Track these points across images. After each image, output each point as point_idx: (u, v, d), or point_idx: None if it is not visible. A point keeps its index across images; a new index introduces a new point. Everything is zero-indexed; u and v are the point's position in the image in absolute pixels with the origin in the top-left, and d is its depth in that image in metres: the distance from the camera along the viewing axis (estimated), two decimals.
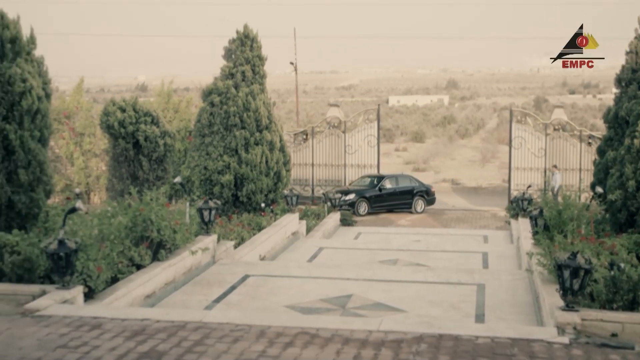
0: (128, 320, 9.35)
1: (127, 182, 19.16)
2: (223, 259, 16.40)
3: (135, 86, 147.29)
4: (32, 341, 8.42)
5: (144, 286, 12.64)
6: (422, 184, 33.72)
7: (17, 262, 11.41)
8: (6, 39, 14.07)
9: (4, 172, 13.72)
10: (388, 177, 33.69)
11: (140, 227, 13.59)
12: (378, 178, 33.45)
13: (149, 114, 19.98)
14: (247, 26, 24.05)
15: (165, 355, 7.73)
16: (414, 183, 33.74)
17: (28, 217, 14.09)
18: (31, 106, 13.92)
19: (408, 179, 34.41)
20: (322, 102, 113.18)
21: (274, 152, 23.00)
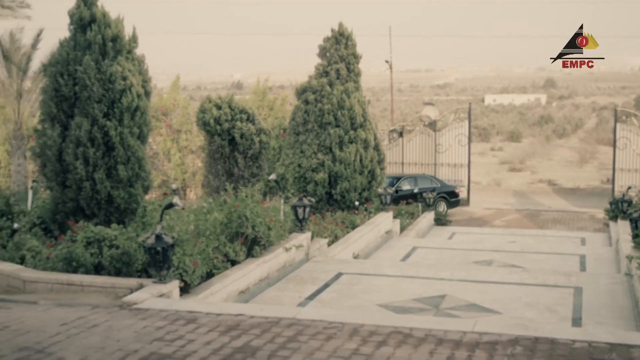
0: (223, 315, 9.44)
1: (222, 179, 19.37)
2: (316, 256, 16.44)
3: (231, 84, 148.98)
4: (129, 333, 8.58)
5: (239, 282, 12.76)
6: (444, 185, 32.60)
7: (115, 256, 11.65)
8: (108, 38, 14.38)
9: (104, 167, 14.03)
10: (406, 178, 32.49)
11: (235, 223, 13.72)
12: (395, 179, 32.35)
13: (244, 111, 20.18)
14: (342, 24, 24.05)
15: (259, 350, 7.78)
16: (435, 184, 32.48)
17: (127, 211, 14.38)
18: (131, 103, 14.20)
19: (429, 179, 33.15)
20: (417, 101, 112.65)
21: (369, 150, 22.94)
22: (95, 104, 14.03)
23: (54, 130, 14.33)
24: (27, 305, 10.56)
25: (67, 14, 14.82)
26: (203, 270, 12.05)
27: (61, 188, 14.36)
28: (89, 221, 13.78)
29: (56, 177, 14.38)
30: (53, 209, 14.55)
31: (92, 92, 14.00)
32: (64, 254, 11.92)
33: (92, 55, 14.21)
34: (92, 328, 8.89)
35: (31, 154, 15.27)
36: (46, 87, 14.71)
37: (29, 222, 15.27)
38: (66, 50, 14.54)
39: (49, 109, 14.47)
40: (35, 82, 32.68)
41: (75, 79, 14.29)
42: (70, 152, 14.06)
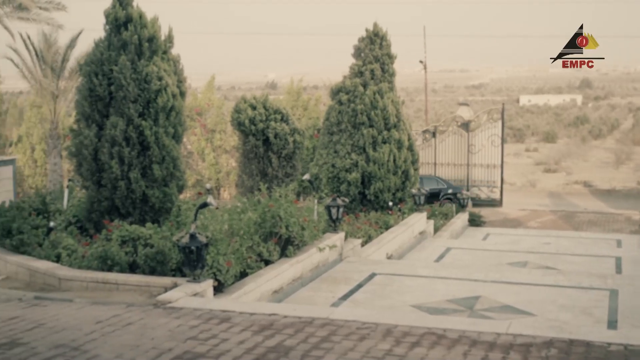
0: (256, 314, 9.46)
1: (256, 179, 19.41)
2: (350, 256, 16.43)
3: (265, 84, 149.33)
4: (163, 332, 8.62)
5: (272, 281, 12.78)
6: (450, 186, 32.15)
7: (150, 255, 11.73)
8: (144, 38, 14.46)
9: (139, 167, 14.11)
10: None
11: (269, 223, 13.75)
12: None
13: (278, 111, 20.21)
14: (376, 24, 24.02)
15: (292, 350, 7.79)
16: (441, 185, 32.10)
17: (161, 211, 14.45)
18: (166, 103, 14.26)
19: (435, 180, 32.96)
20: (451, 101, 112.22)
21: (402, 150, 22.89)
22: (131, 103, 14.11)
23: (89, 130, 14.42)
24: (63, 303, 10.66)
25: (103, 14, 14.92)
26: (237, 270, 12.09)
27: (96, 187, 14.46)
28: (124, 220, 13.86)
29: (92, 176, 14.48)
30: (88, 208, 14.65)
31: (128, 92, 14.08)
32: (99, 252, 12.02)
33: (128, 55, 14.29)
34: (127, 326, 8.95)
35: (67, 153, 15.38)
36: (81, 86, 14.81)
37: (65, 220, 15.38)
38: (101, 50, 14.63)
39: (83, 108, 14.56)
40: (71, 81, 32.99)
41: (110, 79, 14.37)
42: (105, 151, 14.15)
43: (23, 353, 7.72)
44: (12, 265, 13.07)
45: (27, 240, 13.60)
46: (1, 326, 9.08)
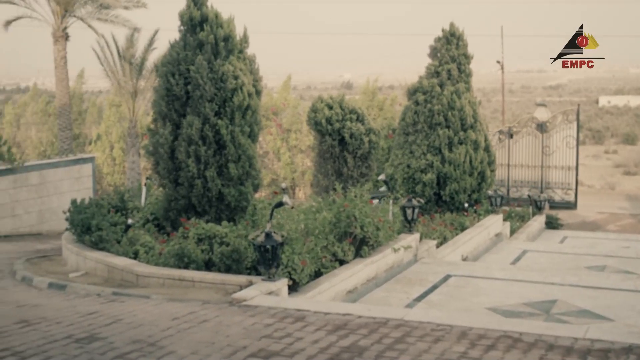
0: (330, 314, 9.46)
1: (332, 178, 19.42)
2: (425, 257, 16.34)
3: (341, 84, 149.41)
4: (238, 330, 8.67)
5: (346, 281, 12.78)
6: None
7: (226, 253, 11.81)
8: (220, 38, 14.58)
9: (215, 165, 14.23)
10: None
11: (344, 223, 13.74)
12: None
13: (354, 111, 20.19)
14: (453, 24, 23.84)
15: (367, 350, 7.77)
16: None
17: (237, 209, 14.55)
18: (242, 102, 14.36)
19: None
20: (528, 102, 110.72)
21: (478, 151, 22.67)
22: (207, 102, 14.23)
23: (166, 129, 14.59)
24: (140, 299, 10.81)
25: (178, 16, 15.08)
26: (311, 269, 12.10)
27: (173, 185, 14.62)
28: (200, 218, 14.00)
29: (169, 174, 14.65)
30: (165, 206, 14.83)
31: (205, 91, 14.21)
32: (176, 250, 12.16)
33: (204, 55, 14.42)
34: (203, 323, 9.03)
35: (145, 151, 15.59)
36: (158, 86, 14.99)
37: (143, 218, 15.61)
38: (176, 50, 14.78)
39: (160, 107, 14.74)
40: (149, 81, 33.49)
41: (186, 78, 14.52)
42: (182, 150, 14.29)
43: (101, 347, 7.84)
44: (91, 261, 13.32)
45: (106, 237, 13.83)
46: (80, 321, 9.25)
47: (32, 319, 9.43)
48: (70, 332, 8.56)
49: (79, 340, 8.16)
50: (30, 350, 7.73)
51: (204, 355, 7.58)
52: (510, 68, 56.66)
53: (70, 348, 7.83)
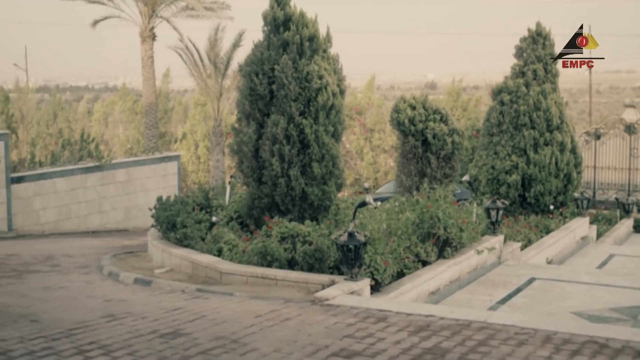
0: (413, 315, 9.42)
1: (415, 179, 19.30)
2: (509, 260, 16.15)
3: (425, 84, 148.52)
4: (320, 329, 8.69)
5: (429, 282, 12.70)
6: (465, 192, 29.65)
7: (308, 252, 11.85)
8: (305, 37, 14.63)
9: (299, 165, 14.28)
10: None
11: (427, 223, 13.67)
12: None
13: (438, 111, 20.02)
14: (539, 24, 23.49)
15: (449, 353, 7.70)
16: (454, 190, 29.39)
17: (320, 209, 14.58)
18: (326, 102, 14.38)
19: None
20: (616, 103, 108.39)
21: (565, 153, 22.30)
22: (292, 102, 14.29)
23: (250, 128, 14.70)
24: (223, 296, 10.92)
25: (261, 16, 15.18)
26: (394, 270, 12.07)
27: (257, 184, 14.72)
28: (283, 217, 14.07)
29: (252, 173, 14.75)
30: (249, 204, 14.94)
31: (289, 90, 14.27)
32: (259, 248, 12.24)
33: (289, 55, 14.48)
34: (285, 321, 9.07)
35: (229, 150, 15.73)
36: (242, 86, 15.10)
37: (227, 216, 15.76)
38: (260, 50, 14.88)
39: (244, 107, 14.85)
40: (234, 80, 33.82)
41: (270, 78, 14.60)
42: (266, 149, 14.38)
43: (185, 343, 7.94)
44: (175, 257, 13.51)
45: (191, 234, 14.02)
46: (165, 316, 9.39)
47: (119, 313, 9.62)
48: (155, 327, 8.70)
49: (164, 336, 8.28)
50: (116, 344, 7.87)
51: (286, 353, 7.62)
52: (598, 68, 55.35)
53: (155, 343, 7.96)
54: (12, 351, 7.48)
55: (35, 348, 7.63)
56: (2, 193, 22.27)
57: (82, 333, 8.39)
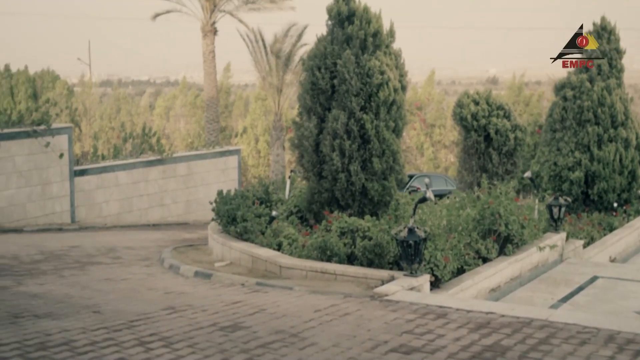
0: (473, 312, 9.34)
1: (476, 175, 19.16)
2: (571, 257, 15.95)
3: (486, 79, 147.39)
4: (379, 324, 8.67)
5: (490, 279, 12.60)
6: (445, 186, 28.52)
7: (368, 247, 11.83)
8: (369, 33, 14.59)
9: (359, 160, 14.26)
10: (418, 177, 28.44)
11: (488, 220, 13.56)
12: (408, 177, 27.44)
13: (501, 107, 19.83)
14: (604, 18, 23.11)
15: (509, 350, 7.62)
16: (449, 186, 28.53)
17: (380, 204, 14.54)
18: (387, 97, 14.33)
19: (443, 179, 29.62)
20: None
21: (629, 149, 21.92)
22: (353, 97, 14.27)
23: (310, 122, 14.71)
24: (283, 290, 10.95)
25: (325, 10, 15.18)
26: (454, 266, 12.00)
27: (317, 178, 14.73)
28: (343, 212, 14.07)
29: (313, 167, 14.77)
30: (309, 199, 14.96)
31: (351, 85, 14.26)
32: (319, 242, 12.25)
33: (352, 50, 14.46)
34: (344, 316, 9.06)
35: (289, 144, 15.77)
36: (304, 80, 15.12)
37: (286, 210, 15.81)
38: (323, 44, 14.88)
39: (305, 101, 14.87)
40: (295, 75, 33.90)
41: (332, 73, 14.60)
42: (327, 143, 14.38)
43: (245, 336, 7.97)
44: (235, 251, 13.58)
45: (251, 228, 14.08)
46: (225, 309, 9.45)
47: (179, 305, 9.70)
48: (215, 320, 8.75)
49: (224, 329, 8.33)
50: (177, 336, 7.94)
51: (345, 348, 7.61)
52: None
53: (215, 336, 8.00)
54: (75, 341, 7.58)
55: (97, 339, 7.73)
56: (65, 185, 22.62)
57: (143, 325, 8.48)
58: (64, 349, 7.29)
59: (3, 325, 8.30)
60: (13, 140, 20.97)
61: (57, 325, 8.29)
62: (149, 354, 7.22)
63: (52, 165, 22.18)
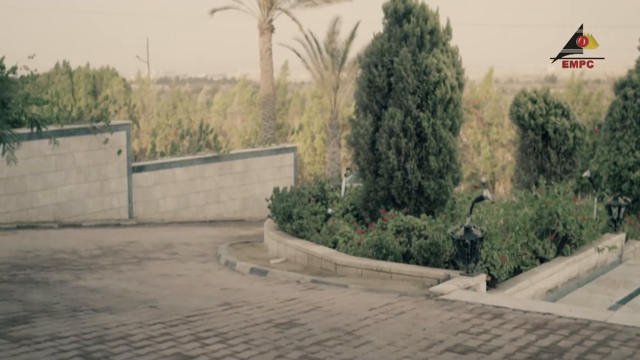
0: (530, 312, 9.25)
1: (533, 174, 18.95)
2: (630, 259, 15.73)
3: (544, 77, 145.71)
4: (435, 323, 8.63)
5: (547, 280, 12.47)
6: None
7: (424, 246, 11.78)
8: (426, 30, 14.52)
9: (415, 158, 14.20)
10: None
11: (546, 220, 13.43)
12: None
13: (559, 106, 19.59)
14: None
15: (567, 352, 7.53)
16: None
17: (436, 202, 14.47)
18: (444, 95, 14.25)
19: None
20: None
21: None
22: (410, 95, 14.21)
23: (366, 120, 14.69)
24: (338, 288, 10.95)
25: (382, 8, 15.13)
26: (511, 266, 11.90)
27: (373, 176, 14.70)
28: (399, 210, 14.03)
29: (369, 165, 14.74)
30: (365, 197, 14.94)
31: (407, 83, 14.20)
32: (375, 241, 12.23)
33: (409, 47, 14.40)
34: (399, 315, 9.04)
35: (345, 142, 15.76)
36: (360, 78, 15.11)
37: (342, 208, 15.81)
38: (380, 42, 14.84)
39: (362, 99, 14.85)
40: (350, 73, 33.88)
41: (388, 70, 14.55)
42: (383, 141, 14.35)
43: (300, 333, 7.99)
44: (291, 248, 13.62)
45: (306, 226, 14.11)
46: (280, 306, 9.48)
47: (235, 302, 9.75)
48: (271, 317, 8.78)
49: (279, 325, 8.36)
50: (232, 332, 7.98)
51: (400, 347, 7.58)
52: None
53: (270, 332, 8.03)
54: (132, 336, 7.67)
55: (154, 333, 7.81)
56: (123, 181, 22.89)
57: (199, 320, 8.54)
58: (121, 343, 7.38)
59: (62, 318, 8.42)
60: (73, 136, 21.28)
61: (115, 320, 8.39)
62: (205, 349, 7.27)
63: (111, 161, 22.46)
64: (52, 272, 12.00)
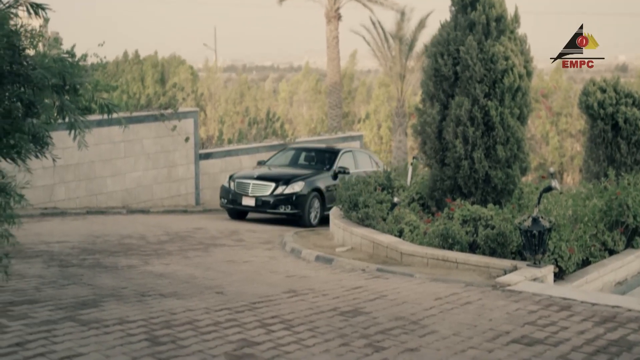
0: (598, 305, 9.12)
1: (603, 165, 18.66)
2: None
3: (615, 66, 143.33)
4: (501, 314, 8.56)
5: (616, 272, 12.30)
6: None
7: (490, 236, 11.69)
8: (492, 18, 14.37)
9: (482, 147, 14.08)
10: (345, 152, 21.75)
11: (615, 211, 13.23)
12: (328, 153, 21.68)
13: (630, 95, 19.24)
14: None
15: (636, 346, 7.41)
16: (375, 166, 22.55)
17: (503, 192, 14.33)
18: (512, 84, 14.09)
19: (367, 157, 23.21)
20: None
21: None
22: (477, 83, 14.09)
23: (433, 109, 14.61)
24: (403, 277, 10.93)
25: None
26: (579, 258, 11.75)
27: (440, 166, 14.62)
28: (465, 199, 13.93)
29: (435, 154, 14.67)
30: (431, 186, 14.87)
31: (474, 72, 14.08)
32: (441, 230, 12.17)
33: (475, 36, 14.28)
34: (465, 305, 8.99)
35: (412, 131, 15.70)
36: (426, 67, 15.02)
37: (408, 197, 15.77)
38: (447, 30, 14.73)
39: (428, 88, 14.76)
40: (417, 61, 33.75)
41: (455, 59, 14.45)
42: (450, 130, 14.26)
43: (365, 322, 8.00)
44: (356, 237, 13.63)
45: (372, 214, 14.11)
46: (346, 294, 9.50)
47: (300, 289, 9.80)
48: (336, 305, 8.80)
49: (344, 313, 8.37)
50: (297, 319, 8.02)
51: (466, 337, 7.54)
52: None
53: (335, 320, 8.05)
54: (199, 321, 7.75)
55: (220, 319, 7.88)
56: (190, 168, 23.14)
57: (265, 307, 8.59)
58: (187, 327, 7.46)
59: (130, 302, 8.55)
60: (141, 123, 21.57)
61: (182, 305, 8.49)
62: (271, 335, 7.32)
63: (178, 148, 22.72)
64: (121, 257, 12.18)
